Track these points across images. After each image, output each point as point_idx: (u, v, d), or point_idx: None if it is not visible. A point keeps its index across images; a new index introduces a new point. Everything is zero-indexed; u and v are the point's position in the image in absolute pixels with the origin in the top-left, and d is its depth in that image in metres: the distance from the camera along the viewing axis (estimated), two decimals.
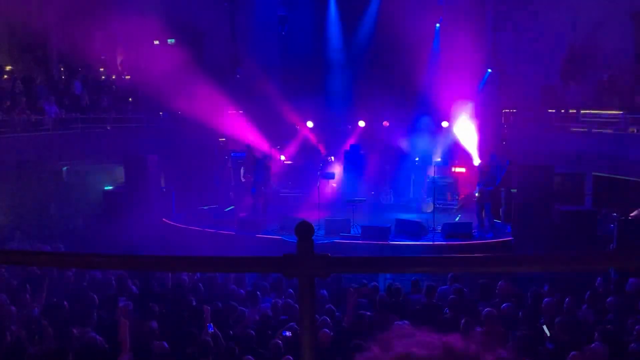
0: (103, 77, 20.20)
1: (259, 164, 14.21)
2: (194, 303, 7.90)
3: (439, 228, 13.13)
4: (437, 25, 16.97)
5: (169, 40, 19.96)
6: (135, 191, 14.39)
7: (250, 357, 5.82)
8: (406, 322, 6.95)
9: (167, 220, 14.64)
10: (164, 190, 15.66)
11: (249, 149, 15.64)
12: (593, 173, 14.28)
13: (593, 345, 5.87)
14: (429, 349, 0.87)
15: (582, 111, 15.42)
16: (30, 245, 11.79)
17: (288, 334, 6.61)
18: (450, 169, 15.91)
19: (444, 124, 16.16)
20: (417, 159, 16.34)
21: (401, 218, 13.45)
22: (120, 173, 15.73)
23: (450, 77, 15.09)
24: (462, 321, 6.68)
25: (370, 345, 0.94)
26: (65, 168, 16.66)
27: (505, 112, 17.18)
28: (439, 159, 15.93)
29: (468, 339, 0.91)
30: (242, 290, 8.70)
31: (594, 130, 14.32)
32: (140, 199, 14.10)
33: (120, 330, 5.73)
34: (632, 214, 11.51)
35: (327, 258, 1.68)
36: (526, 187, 12.52)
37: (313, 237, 1.73)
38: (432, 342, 0.88)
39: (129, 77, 19.73)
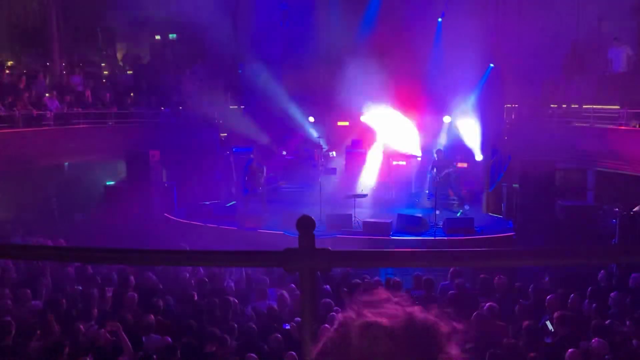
0: (105, 72, 20.20)
1: (250, 166, 14.24)
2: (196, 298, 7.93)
3: (441, 223, 13.13)
4: (440, 19, 16.92)
5: (170, 35, 19.95)
6: (136, 186, 14.41)
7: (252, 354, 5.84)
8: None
9: (168, 215, 14.67)
10: (166, 185, 15.67)
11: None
12: (595, 168, 14.25)
13: (593, 340, 5.88)
14: (394, 318, 0.99)
15: (584, 106, 15.37)
16: (32, 240, 11.80)
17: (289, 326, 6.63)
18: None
19: (446, 118, 16.13)
20: (419, 154, 16.33)
21: (403, 213, 13.45)
22: (121, 168, 15.75)
23: (452, 72, 15.05)
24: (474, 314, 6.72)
25: (347, 309, 1.05)
26: (66, 163, 16.68)
27: (507, 107, 17.13)
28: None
29: (428, 311, 1.03)
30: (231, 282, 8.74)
31: (596, 125, 14.28)
32: (142, 194, 14.12)
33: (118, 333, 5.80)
34: (634, 209, 11.49)
35: (327, 252, 1.68)
36: (528, 182, 12.51)
37: (314, 232, 1.73)
38: (398, 314, 1.00)
39: (131, 72, 19.72)
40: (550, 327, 6.79)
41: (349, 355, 1.00)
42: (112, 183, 15.75)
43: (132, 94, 18.44)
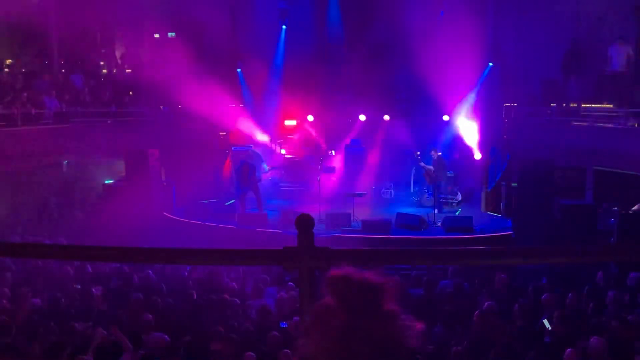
0: (104, 70, 20.16)
1: (242, 167, 14.22)
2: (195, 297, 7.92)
3: (440, 222, 13.14)
4: (439, 17, 16.91)
5: (169, 34, 19.91)
6: (135, 185, 14.39)
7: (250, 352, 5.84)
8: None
9: (167, 214, 14.65)
10: (165, 183, 15.66)
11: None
12: (594, 167, 14.26)
13: (592, 339, 5.88)
14: (350, 272, 1.30)
15: (583, 105, 15.37)
16: (31, 239, 11.80)
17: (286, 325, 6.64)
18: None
19: (445, 117, 16.13)
20: (418, 152, 16.34)
21: (402, 212, 13.45)
22: (120, 167, 15.73)
23: (451, 71, 15.04)
24: (476, 313, 6.74)
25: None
26: (65, 162, 16.66)
27: (506, 106, 17.14)
28: (440, 153, 15.92)
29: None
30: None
31: (595, 125, 14.28)
32: (141, 192, 14.09)
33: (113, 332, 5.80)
34: (632, 208, 11.50)
35: (327, 250, 1.68)
36: (527, 181, 12.52)
37: (313, 230, 1.73)
38: (353, 271, 1.31)
39: (129, 70, 19.69)
40: (547, 326, 6.79)
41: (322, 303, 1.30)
42: (111, 182, 15.73)
43: (130, 93, 18.42)
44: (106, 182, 15.65)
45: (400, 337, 1.24)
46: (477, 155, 15.56)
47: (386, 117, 16.80)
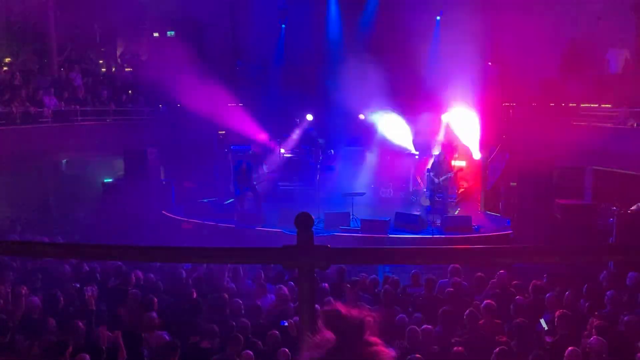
0: (103, 69, 20.16)
1: (240, 168, 14.19)
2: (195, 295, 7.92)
3: (439, 221, 13.14)
4: (438, 17, 16.91)
5: (168, 33, 19.91)
6: (134, 183, 14.40)
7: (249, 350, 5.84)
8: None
9: (166, 213, 14.65)
10: (164, 182, 15.66)
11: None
12: (593, 167, 14.27)
13: (592, 339, 5.88)
14: (339, 309, 1.60)
15: (582, 105, 15.38)
16: (30, 238, 11.78)
17: (286, 324, 6.64)
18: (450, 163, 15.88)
19: (444, 117, 16.13)
20: (417, 152, 16.33)
21: (401, 211, 13.45)
22: (119, 165, 15.73)
23: (450, 71, 15.04)
24: (466, 312, 6.75)
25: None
26: (64, 160, 16.66)
27: (505, 105, 17.13)
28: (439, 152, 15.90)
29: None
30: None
31: (594, 124, 14.29)
32: (140, 191, 14.10)
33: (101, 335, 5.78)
34: (631, 208, 11.51)
35: (326, 249, 1.68)
36: (526, 180, 12.53)
37: (313, 229, 1.73)
38: (342, 308, 1.60)
39: (129, 69, 19.69)
40: (544, 325, 6.79)
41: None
42: (110, 180, 15.72)
43: (130, 92, 18.42)
44: (105, 180, 15.65)
45: (375, 356, 1.57)
46: (477, 155, 15.56)
47: (385, 117, 16.77)
